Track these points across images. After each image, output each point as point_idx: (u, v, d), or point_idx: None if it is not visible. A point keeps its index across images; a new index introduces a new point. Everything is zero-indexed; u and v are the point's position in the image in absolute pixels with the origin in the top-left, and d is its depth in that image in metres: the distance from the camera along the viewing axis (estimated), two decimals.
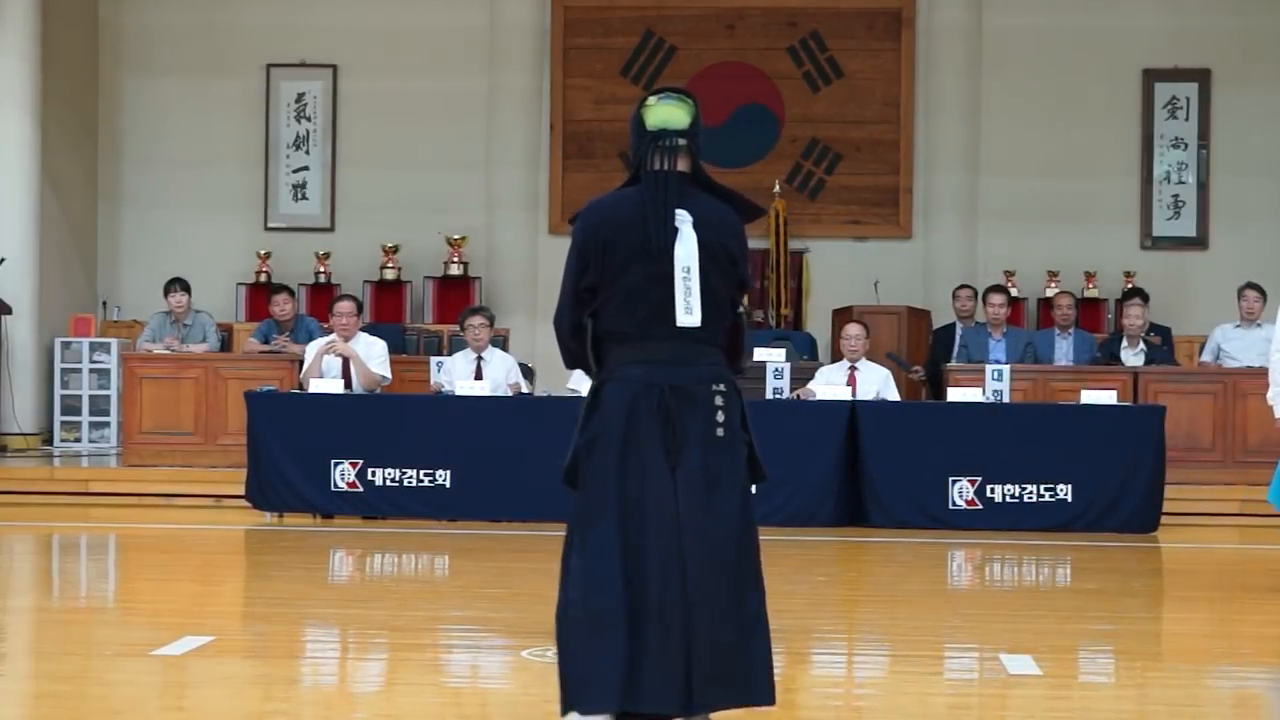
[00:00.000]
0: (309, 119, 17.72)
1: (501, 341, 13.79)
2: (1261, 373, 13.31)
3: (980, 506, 11.77)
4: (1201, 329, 14.83)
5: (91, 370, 16.26)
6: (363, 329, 13.07)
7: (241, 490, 12.10)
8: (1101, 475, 11.72)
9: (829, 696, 6.27)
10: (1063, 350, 14.04)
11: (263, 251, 17.24)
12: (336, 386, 12.29)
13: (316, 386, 12.30)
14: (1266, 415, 13.12)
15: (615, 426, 4.74)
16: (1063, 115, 17.23)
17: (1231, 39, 17.18)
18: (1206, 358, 13.78)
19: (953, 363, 13.77)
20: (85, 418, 16.23)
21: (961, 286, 15.32)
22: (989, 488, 11.78)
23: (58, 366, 16.22)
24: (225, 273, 17.23)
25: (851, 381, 12.53)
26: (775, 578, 9.60)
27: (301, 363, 13.02)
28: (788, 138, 17.36)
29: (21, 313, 15.54)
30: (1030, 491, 11.77)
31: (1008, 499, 11.77)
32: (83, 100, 17.47)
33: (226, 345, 14.71)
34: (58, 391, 16.23)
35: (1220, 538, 12.00)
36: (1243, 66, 17.17)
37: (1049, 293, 16.33)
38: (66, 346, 16.31)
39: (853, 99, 17.36)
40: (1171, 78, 17.23)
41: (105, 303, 17.59)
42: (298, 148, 17.74)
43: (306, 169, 17.73)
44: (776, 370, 12.47)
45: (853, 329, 12.74)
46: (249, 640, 7.33)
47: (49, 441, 16.18)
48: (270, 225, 17.68)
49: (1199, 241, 17.24)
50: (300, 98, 17.72)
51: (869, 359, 12.81)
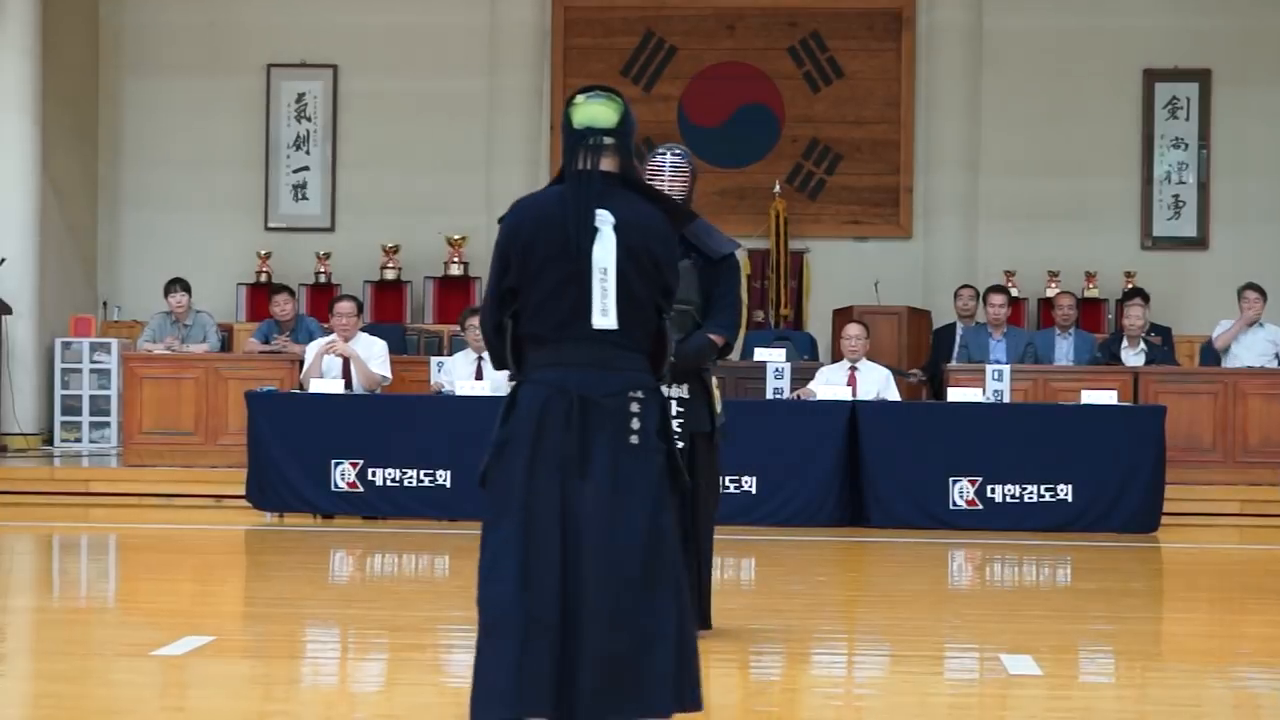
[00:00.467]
0: (309, 119, 17.72)
1: None
2: (1262, 373, 13.35)
3: (980, 506, 11.76)
4: (1202, 329, 14.82)
5: (92, 370, 16.25)
6: (363, 329, 13.07)
7: (242, 490, 12.09)
8: (1102, 475, 11.71)
9: (829, 696, 6.27)
10: (1063, 350, 14.04)
11: (263, 251, 17.23)
12: (337, 386, 12.29)
13: (317, 386, 12.30)
14: (1267, 415, 13.20)
15: (525, 431, 4.64)
16: (1063, 115, 17.22)
17: (1232, 39, 17.17)
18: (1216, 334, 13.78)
19: (953, 363, 13.78)
20: (85, 418, 16.22)
21: (963, 286, 15.32)
22: (989, 488, 11.78)
23: (58, 367, 16.21)
24: (225, 273, 17.22)
25: (852, 381, 12.53)
26: (775, 578, 9.67)
27: (302, 363, 13.02)
28: (788, 138, 17.34)
29: (22, 313, 15.53)
30: (1030, 491, 11.76)
31: (1008, 499, 11.77)
32: (83, 100, 17.46)
33: (227, 345, 14.72)
34: (58, 391, 16.21)
35: (1220, 538, 12.00)
36: (1243, 66, 17.16)
37: (1049, 293, 16.32)
38: (67, 346, 16.29)
39: (853, 99, 17.35)
40: (1172, 78, 17.22)
41: (105, 303, 17.58)
42: (298, 148, 17.73)
43: (307, 169, 17.73)
44: (777, 370, 12.47)
45: (853, 329, 12.73)
46: (249, 640, 7.32)
47: (49, 441, 16.17)
48: (270, 225, 17.68)
49: (1199, 241, 17.23)
50: (300, 98, 17.71)
51: (869, 359, 12.81)
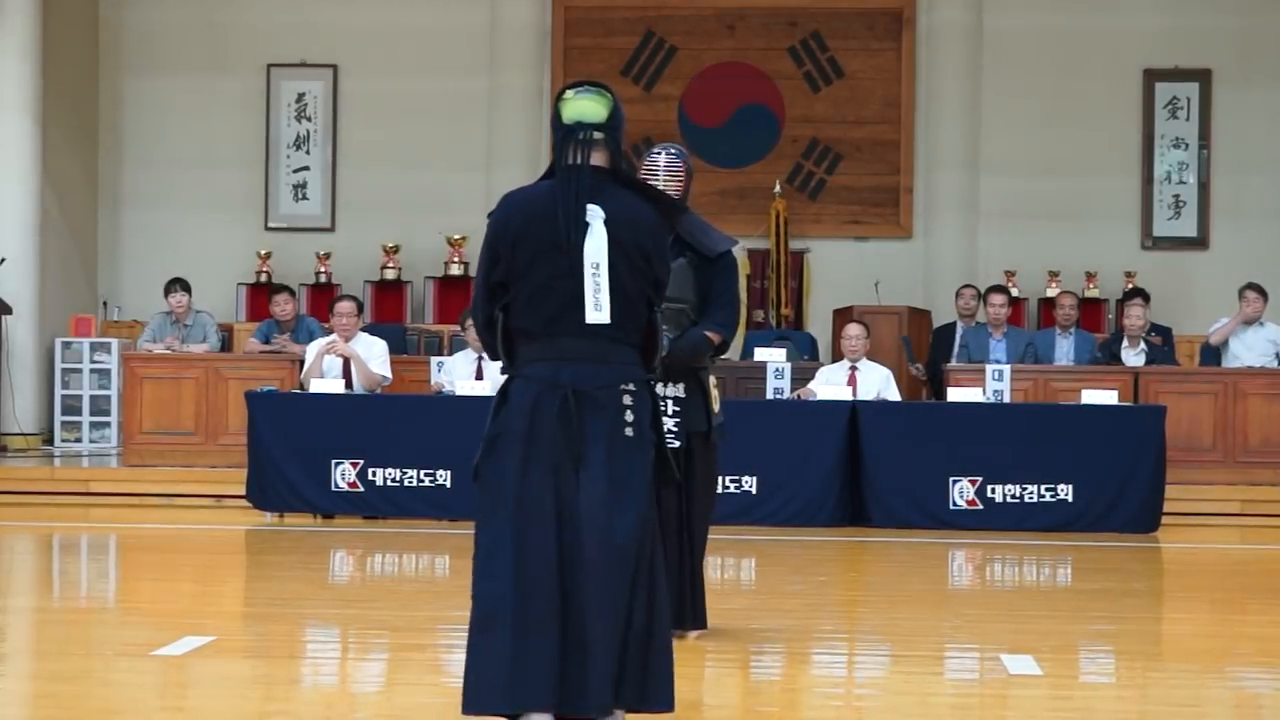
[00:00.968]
0: (309, 119, 17.72)
1: None
2: (1262, 373, 13.36)
3: (981, 506, 11.76)
4: (1202, 329, 14.82)
5: (92, 370, 16.25)
6: (363, 329, 13.07)
7: (242, 490, 12.10)
8: (1102, 475, 11.71)
9: (829, 696, 6.26)
10: (1063, 350, 14.04)
11: (263, 251, 17.23)
12: (337, 386, 12.29)
13: (317, 386, 12.30)
14: (1267, 415, 13.20)
15: (518, 425, 4.67)
16: (1063, 115, 17.21)
17: (1232, 39, 17.17)
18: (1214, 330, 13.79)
19: (953, 363, 13.77)
20: (86, 418, 16.22)
21: (965, 286, 15.31)
22: (989, 488, 11.78)
23: (58, 366, 16.21)
24: (226, 273, 17.21)
25: (852, 381, 12.53)
26: (775, 578, 9.67)
27: (302, 363, 13.02)
28: (788, 138, 17.33)
29: (22, 313, 15.52)
30: (1031, 491, 11.76)
31: (1008, 499, 11.77)
32: (83, 100, 17.46)
33: (227, 345, 14.71)
34: (58, 391, 16.21)
35: (1220, 538, 12.00)
36: (1243, 66, 17.16)
37: (1050, 293, 16.32)
38: (67, 346, 16.29)
39: (853, 99, 17.34)
40: (1172, 78, 17.21)
41: (105, 303, 17.57)
42: (298, 148, 17.73)
43: (307, 169, 17.72)
44: (777, 370, 12.47)
45: (853, 329, 12.73)
46: (249, 640, 7.32)
47: (49, 441, 16.16)
48: (270, 225, 17.67)
49: (1199, 241, 17.23)
50: (300, 98, 17.71)
51: (870, 359, 12.81)
